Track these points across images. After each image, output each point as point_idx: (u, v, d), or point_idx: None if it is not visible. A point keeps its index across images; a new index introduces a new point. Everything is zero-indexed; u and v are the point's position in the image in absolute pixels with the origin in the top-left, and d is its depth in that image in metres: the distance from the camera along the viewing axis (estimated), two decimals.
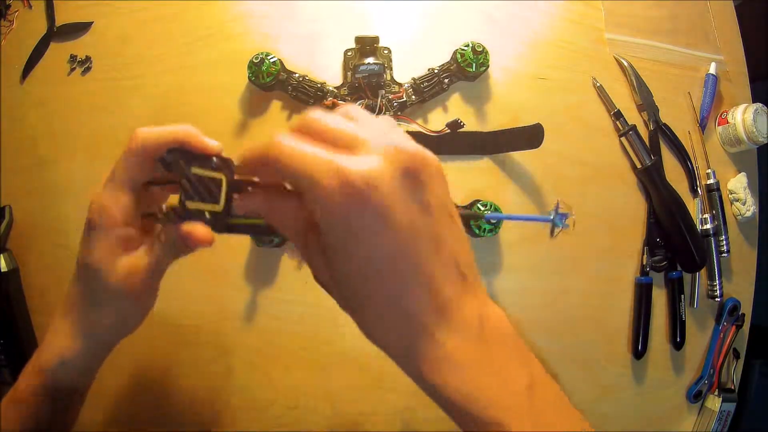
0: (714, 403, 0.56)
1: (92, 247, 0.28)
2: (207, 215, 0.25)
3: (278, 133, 0.22)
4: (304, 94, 0.50)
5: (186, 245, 0.25)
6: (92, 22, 0.55)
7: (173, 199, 0.27)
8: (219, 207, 0.25)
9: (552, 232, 0.29)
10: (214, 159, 0.26)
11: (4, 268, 0.50)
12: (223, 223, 0.26)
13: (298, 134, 0.22)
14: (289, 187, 0.25)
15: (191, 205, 0.25)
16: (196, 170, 0.25)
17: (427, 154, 0.22)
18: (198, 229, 0.25)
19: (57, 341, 0.30)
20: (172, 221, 0.25)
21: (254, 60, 0.49)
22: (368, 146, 0.21)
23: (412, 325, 0.21)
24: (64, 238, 0.52)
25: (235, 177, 0.26)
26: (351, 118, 0.23)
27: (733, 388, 0.58)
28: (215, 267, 0.50)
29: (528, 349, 0.23)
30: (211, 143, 0.27)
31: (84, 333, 0.30)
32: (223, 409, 0.49)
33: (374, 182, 0.20)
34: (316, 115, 0.23)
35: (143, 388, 0.49)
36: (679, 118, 0.58)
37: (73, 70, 0.55)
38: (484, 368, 0.21)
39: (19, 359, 0.49)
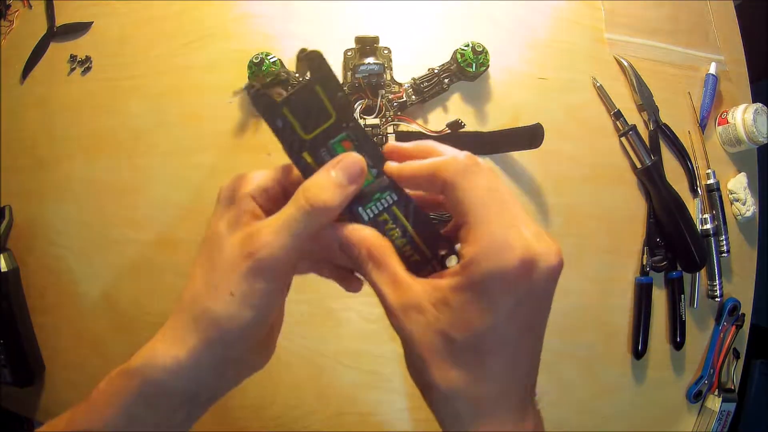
0: (714, 403, 0.56)
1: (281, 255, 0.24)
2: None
3: (471, 165, 0.23)
4: None
5: None
6: (92, 22, 0.55)
7: None
8: None
9: None
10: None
11: (4, 268, 0.50)
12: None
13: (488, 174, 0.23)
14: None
15: None
16: None
17: None
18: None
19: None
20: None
21: (254, 60, 0.49)
22: (543, 235, 0.22)
23: (511, 403, 0.22)
24: (64, 238, 0.52)
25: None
26: None
27: (733, 388, 0.58)
28: None
29: None
30: None
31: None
32: (223, 408, 0.49)
33: (555, 278, 0.22)
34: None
35: None
36: (679, 118, 0.58)
37: (73, 70, 0.55)
38: None
39: (19, 359, 0.49)
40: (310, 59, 0.24)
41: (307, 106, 0.24)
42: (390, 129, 0.50)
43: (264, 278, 0.24)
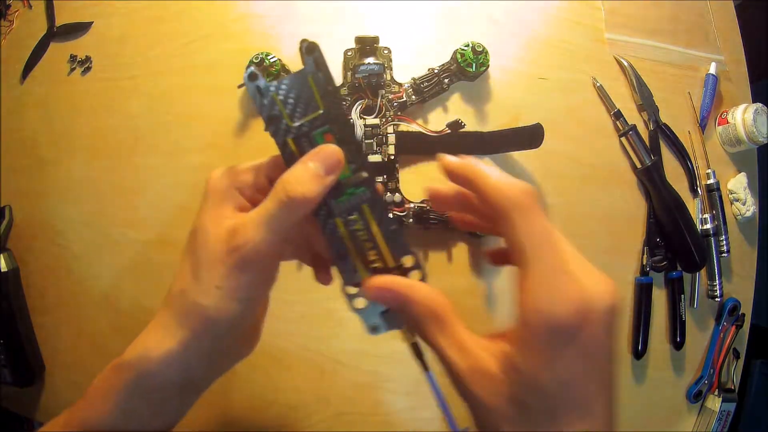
0: (714, 403, 0.56)
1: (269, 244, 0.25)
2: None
3: (526, 192, 0.23)
4: None
5: None
6: (92, 22, 0.55)
7: None
8: None
9: None
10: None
11: (4, 268, 0.50)
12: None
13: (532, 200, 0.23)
14: None
15: None
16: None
17: None
18: None
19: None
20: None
21: (254, 60, 0.49)
22: (595, 272, 0.22)
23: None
24: (64, 238, 0.52)
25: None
26: None
27: (733, 388, 0.58)
28: None
29: None
30: None
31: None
32: (223, 408, 0.49)
33: (613, 317, 0.21)
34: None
35: None
36: (679, 118, 0.58)
37: (73, 70, 0.55)
38: None
39: (19, 359, 0.49)
40: (309, 50, 0.25)
41: (297, 94, 0.24)
42: (390, 129, 0.50)
43: (249, 272, 0.24)
